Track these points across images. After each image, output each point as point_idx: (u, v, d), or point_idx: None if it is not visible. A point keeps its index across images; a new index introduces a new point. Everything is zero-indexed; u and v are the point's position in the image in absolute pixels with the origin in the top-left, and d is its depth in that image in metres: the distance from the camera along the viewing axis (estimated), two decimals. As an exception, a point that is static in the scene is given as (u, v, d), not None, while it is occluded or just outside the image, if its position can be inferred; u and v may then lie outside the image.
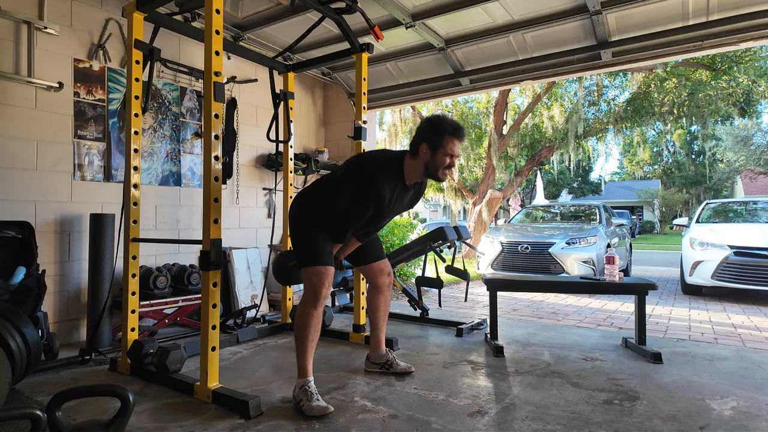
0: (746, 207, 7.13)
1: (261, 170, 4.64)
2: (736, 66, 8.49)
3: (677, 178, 32.14)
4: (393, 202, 2.20)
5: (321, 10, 3.06)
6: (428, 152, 2.15)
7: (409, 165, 2.20)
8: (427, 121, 2.22)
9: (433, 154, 2.15)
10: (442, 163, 2.16)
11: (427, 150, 2.15)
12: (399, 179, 2.19)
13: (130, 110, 2.63)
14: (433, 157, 2.15)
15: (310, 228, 2.22)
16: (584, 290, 3.19)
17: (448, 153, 2.15)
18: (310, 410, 2.01)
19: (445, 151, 2.14)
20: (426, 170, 2.18)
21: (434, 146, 2.14)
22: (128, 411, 1.56)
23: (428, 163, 2.16)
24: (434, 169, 2.16)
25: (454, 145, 2.15)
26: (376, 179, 2.09)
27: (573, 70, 4.06)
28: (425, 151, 2.15)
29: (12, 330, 2.14)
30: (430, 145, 2.14)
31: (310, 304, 2.16)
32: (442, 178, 2.21)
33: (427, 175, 2.20)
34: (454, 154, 2.16)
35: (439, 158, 2.15)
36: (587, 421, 1.98)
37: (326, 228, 2.23)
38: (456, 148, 2.16)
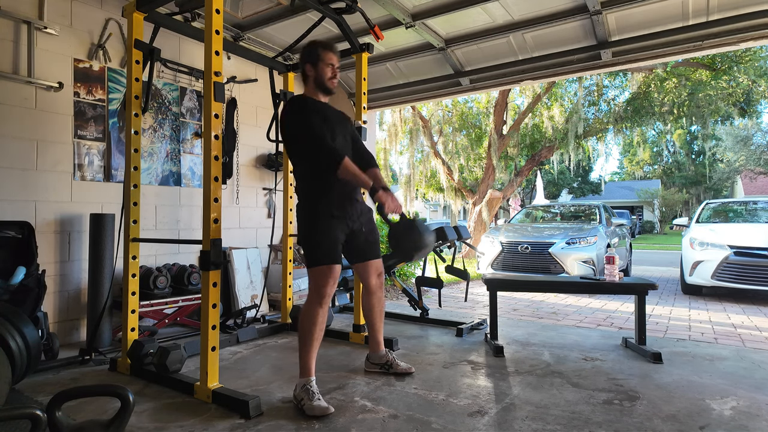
0: (746, 207, 7.13)
1: (261, 170, 4.64)
2: (736, 66, 8.49)
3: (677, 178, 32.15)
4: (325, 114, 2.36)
5: (321, 10, 3.06)
6: (312, 69, 2.39)
7: (307, 90, 2.45)
8: (304, 47, 2.46)
9: (316, 68, 2.38)
10: (326, 74, 2.38)
11: (311, 68, 2.39)
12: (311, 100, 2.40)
13: (130, 110, 2.63)
14: (317, 72, 2.39)
15: (317, 223, 2.24)
16: (584, 290, 3.19)
17: (328, 63, 2.38)
18: (311, 410, 2.01)
19: (324, 62, 2.38)
20: (317, 85, 2.40)
21: (314, 62, 2.38)
22: (128, 411, 1.56)
23: (316, 78, 2.39)
24: (321, 81, 2.39)
25: (329, 57, 2.39)
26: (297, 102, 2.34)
27: (573, 70, 4.06)
28: (310, 69, 2.39)
29: (12, 330, 2.14)
30: (311, 63, 2.39)
31: (315, 303, 2.19)
32: (330, 87, 2.41)
33: (320, 89, 2.41)
34: (333, 63, 2.40)
35: (321, 71, 2.38)
36: (587, 421, 1.98)
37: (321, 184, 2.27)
38: (333, 58, 2.40)
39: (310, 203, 2.29)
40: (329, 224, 2.25)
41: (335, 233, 2.26)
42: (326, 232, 2.24)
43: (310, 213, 2.28)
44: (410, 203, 13.74)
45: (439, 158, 12.07)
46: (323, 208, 2.26)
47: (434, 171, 13.52)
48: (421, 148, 13.23)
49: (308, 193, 2.31)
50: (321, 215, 2.25)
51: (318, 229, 2.24)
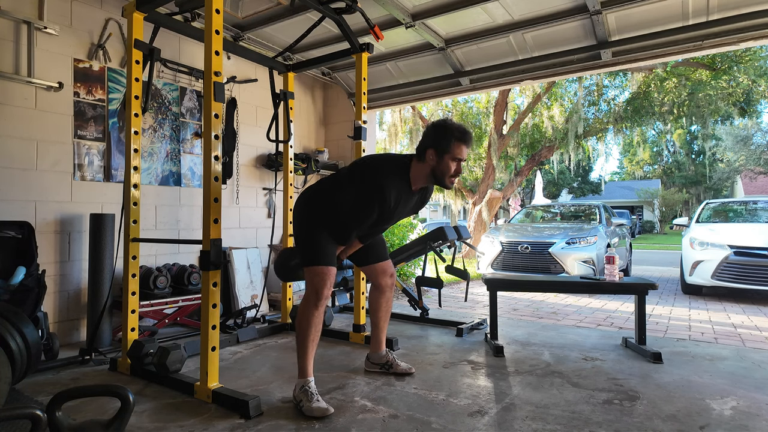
0: (746, 207, 7.13)
1: (261, 170, 4.64)
2: (736, 66, 8.48)
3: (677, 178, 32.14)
4: (397, 206, 2.19)
5: (321, 10, 3.06)
6: (435, 158, 2.13)
7: (416, 170, 2.19)
8: (434, 126, 2.20)
9: (440, 159, 2.13)
10: (449, 168, 2.14)
11: (434, 155, 2.13)
12: (404, 184, 2.18)
13: (130, 110, 2.63)
14: (439, 163, 2.14)
15: (314, 227, 2.22)
16: (584, 290, 3.19)
17: (456, 158, 2.13)
18: (310, 411, 2.01)
19: (452, 156, 2.13)
20: (433, 176, 2.17)
21: (441, 152, 2.12)
22: (128, 411, 1.56)
23: (435, 169, 2.15)
24: (441, 174, 2.15)
25: (461, 151, 2.13)
26: (381, 183, 2.08)
27: (573, 70, 4.06)
28: (432, 157, 2.13)
29: (12, 330, 2.14)
30: (437, 150, 2.12)
31: (312, 304, 2.16)
32: (449, 185, 2.19)
33: (435, 181, 2.19)
34: (461, 158, 2.14)
35: (445, 164, 2.13)
36: (587, 420, 1.98)
37: (330, 228, 2.22)
38: (463, 153, 2.14)
39: (315, 206, 2.26)
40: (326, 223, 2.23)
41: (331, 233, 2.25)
42: (323, 231, 2.22)
43: (310, 216, 2.26)
44: (410, 203, 13.72)
45: (439, 158, 12.05)
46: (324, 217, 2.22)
47: (434, 171, 13.50)
48: (421, 148, 13.21)
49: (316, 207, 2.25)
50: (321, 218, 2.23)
51: (317, 229, 2.23)
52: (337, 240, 2.25)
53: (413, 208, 2.35)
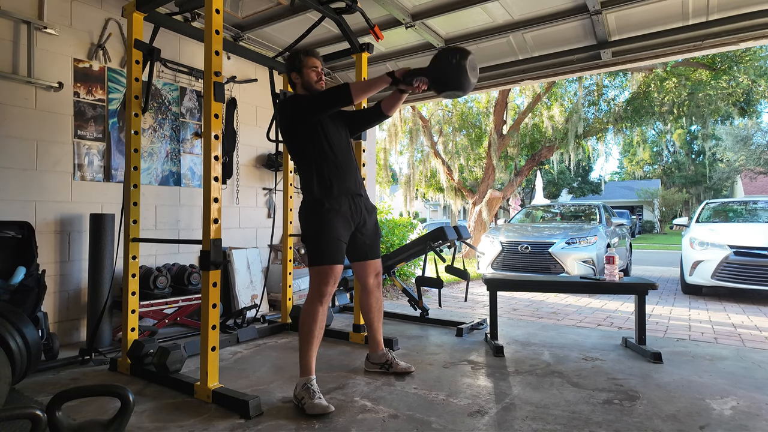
0: (746, 207, 7.14)
1: (261, 170, 4.64)
2: (736, 66, 8.48)
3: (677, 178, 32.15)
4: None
5: (321, 10, 3.06)
6: (298, 76, 2.43)
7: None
8: (286, 57, 2.55)
9: (301, 74, 2.42)
10: (312, 77, 2.42)
11: (297, 75, 2.43)
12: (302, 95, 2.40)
13: (130, 110, 2.63)
14: (303, 78, 2.42)
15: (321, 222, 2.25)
16: (584, 290, 3.19)
17: (311, 67, 2.42)
18: (312, 408, 2.01)
19: (308, 67, 2.41)
20: (306, 90, 2.43)
21: (298, 69, 2.42)
22: (128, 411, 1.56)
23: (303, 84, 2.43)
24: (309, 85, 2.42)
25: (312, 61, 2.43)
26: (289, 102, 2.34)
27: (573, 70, 4.06)
28: (296, 77, 2.44)
29: (12, 330, 2.14)
30: (296, 71, 2.43)
31: (316, 302, 2.20)
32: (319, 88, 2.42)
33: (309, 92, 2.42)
34: (317, 66, 2.44)
35: (307, 76, 2.41)
36: (587, 420, 1.98)
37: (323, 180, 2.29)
38: (316, 62, 2.44)
39: (313, 200, 2.29)
40: (333, 221, 2.25)
41: (339, 232, 2.26)
42: (329, 230, 2.24)
43: (313, 211, 2.28)
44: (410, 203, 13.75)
45: (439, 158, 12.07)
46: (326, 203, 2.26)
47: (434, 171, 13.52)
48: (421, 148, 13.24)
49: (311, 190, 2.31)
50: (324, 212, 2.25)
51: (321, 228, 2.24)
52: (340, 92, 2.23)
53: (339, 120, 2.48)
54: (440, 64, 2.07)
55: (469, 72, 2.04)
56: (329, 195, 2.28)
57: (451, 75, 2.05)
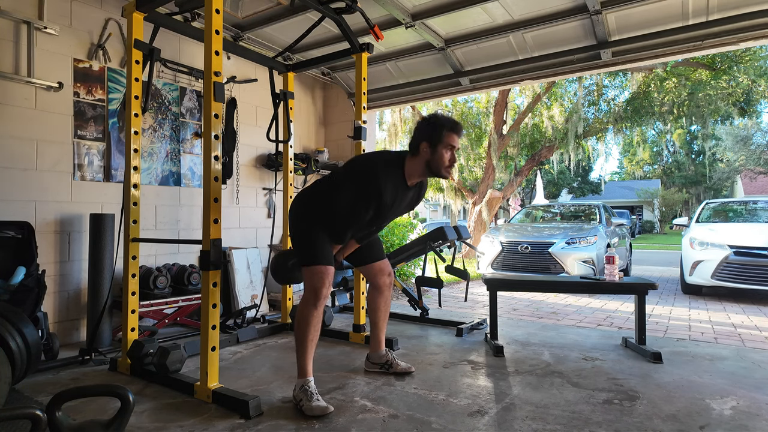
0: (746, 207, 7.13)
1: (261, 170, 4.64)
2: (736, 66, 8.49)
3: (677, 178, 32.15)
4: (393, 202, 2.21)
5: (321, 10, 3.06)
6: (428, 150, 2.17)
7: (410, 164, 2.22)
8: (424, 119, 2.24)
9: (434, 151, 2.16)
10: (443, 158, 2.17)
11: (428, 148, 2.17)
12: (400, 179, 2.20)
13: (130, 110, 2.63)
14: (433, 154, 2.17)
15: (311, 227, 2.23)
16: (584, 290, 3.19)
17: (448, 146, 2.17)
18: (310, 410, 2.01)
19: (445, 146, 2.16)
20: (428, 168, 2.19)
21: (434, 143, 2.16)
22: (128, 411, 1.56)
23: (429, 161, 2.18)
24: (436, 165, 2.17)
25: (453, 139, 2.17)
26: (377, 179, 2.09)
27: (573, 70, 4.06)
28: (426, 149, 2.17)
29: (12, 330, 2.14)
30: (430, 142, 2.16)
31: (311, 304, 2.16)
32: (446, 175, 2.21)
33: (430, 173, 2.21)
34: (454, 146, 2.18)
35: (439, 154, 2.16)
36: (587, 420, 1.98)
37: (326, 227, 2.23)
38: (455, 141, 2.18)
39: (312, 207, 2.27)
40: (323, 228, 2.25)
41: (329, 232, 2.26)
42: (322, 232, 2.23)
43: (308, 213, 2.26)
44: (410, 203, 13.71)
45: (439, 158, 12.04)
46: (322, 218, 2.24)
47: (434, 171, 13.49)
48: (421, 148, 13.21)
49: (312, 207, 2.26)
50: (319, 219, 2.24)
51: (314, 229, 2.22)
52: (334, 239, 2.26)
53: (409, 204, 2.36)
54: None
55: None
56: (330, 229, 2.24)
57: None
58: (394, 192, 2.17)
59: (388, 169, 2.15)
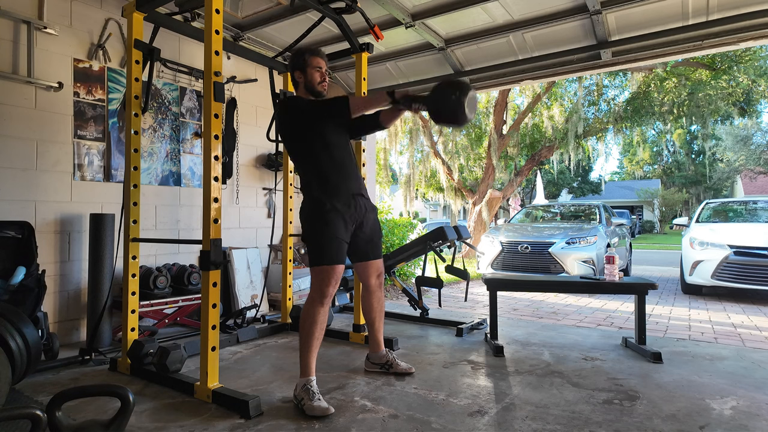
0: (746, 207, 7.14)
1: (261, 170, 4.64)
2: (736, 66, 8.49)
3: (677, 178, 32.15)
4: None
5: (321, 10, 3.06)
6: (302, 75, 2.43)
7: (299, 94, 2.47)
8: (291, 55, 2.51)
9: (305, 74, 2.42)
10: (315, 78, 2.43)
11: (300, 74, 2.43)
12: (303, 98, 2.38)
13: (129, 110, 2.63)
14: (306, 77, 2.43)
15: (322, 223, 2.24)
16: (584, 290, 3.19)
17: (316, 67, 2.42)
18: (311, 410, 2.01)
19: (312, 67, 2.42)
20: (308, 90, 2.44)
21: (302, 68, 2.42)
22: (128, 411, 1.56)
23: (306, 84, 2.43)
24: (312, 86, 2.43)
25: (316, 61, 2.43)
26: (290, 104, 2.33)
27: (573, 70, 4.06)
28: (300, 75, 2.44)
29: (12, 330, 2.14)
30: (300, 69, 2.43)
31: (317, 302, 2.19)
32: (320, 91, 2.45)
33: (311, 93, 2.44)
34: (321, 67, 2.44)
35: (310, 76, 2.42)
36: (587, 420, 1.98)
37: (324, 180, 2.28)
38: (321, 62, 2.44)
39: (314, 200, 2.28)
40: (333, 221, 2.24)
41: (340, 232, 2.26)
42: (331, 231, 2.23)
43: (313, 210, 2.28)
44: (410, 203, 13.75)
45: (439, 158, 12.07)
46: (327, 203, 2.25)
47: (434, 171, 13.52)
48: (421, 148, 13.23)
49: (311, 190, 2.30)
50: (325, 212, 2.25)
51: (322, 228, 2.24)
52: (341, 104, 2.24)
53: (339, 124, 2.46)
54: (441, 97, 2.08)
55: (467, 109, 2.08)
56: (330, 195, 2.28)
57: (450, 110, 2.07)
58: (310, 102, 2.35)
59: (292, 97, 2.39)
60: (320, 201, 2.27)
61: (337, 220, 2.26)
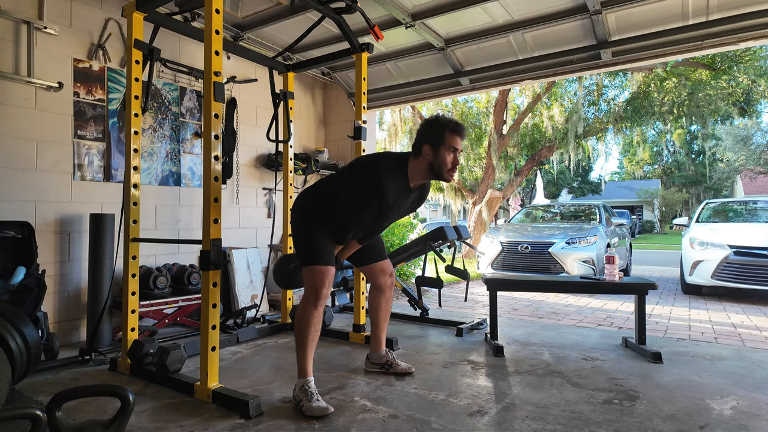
0: (746, 206, 7.14)
1: (261, 170, 4.64)
2: (736, 66, 8.49)
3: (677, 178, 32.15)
4: (396, 203, 2.21)
5: (321, 10, 3.06)
6: (431, 152, 2.16)
7: (413, 166, 2.21)
8: (426, 122, 2.24)
9: (436, 152, 2.16)
10: (446, 160, 2.16)
11: (430, 150, 2.16)
12: (403, 180, 2.20)
13: (129, 110, 2.63)
14: (436, 156, 2.16)
15: (312, 227, 2.23)
16: (584, 290, 3.18)
17: (451, 148, 2.16)
18: (310, 411, 2.01)
19: (447, 148, 2.16)
20: (431, 170, 2.19)
21: (436, 145, 2.15)
22: (128, 411, 1.56)
23: (432, 163, 2.17)
24: (439, 167, 2.17)
25: (455, 141, 2.16)
26: (379, 179, 2.09)
27: (573, 70, 4.06)
28: (428, 151, 2.16)
29: (12, 330, 2.14)
30: (432, 144, 2.16)
31: (311, 304, 2.16)
32: (449, 178, 2.20)
33: (433, 175, 2.21)
34: (457, 148, 2.18)
35: (442, 156, 2.16)
36: (587, 420, 1.98)
37: (328, 227, 2.24)
38: (458, 143, 2.17)
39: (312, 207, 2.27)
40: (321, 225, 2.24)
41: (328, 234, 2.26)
42: (322, 232, 2.23)
43: (308, 213, 2.27)
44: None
45: (439, 158, 12.05)
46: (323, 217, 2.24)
47: (434, 171, 13.49)
48: (422, 148, 13.21)
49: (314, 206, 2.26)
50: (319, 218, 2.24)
51: (313, 230, 2.22)
52: (336, 239, 2.26)
53: (411, 206, 2.37)
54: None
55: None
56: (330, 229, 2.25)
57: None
58: (397, 193, 2.17)
59: (391, 170, 2.15)
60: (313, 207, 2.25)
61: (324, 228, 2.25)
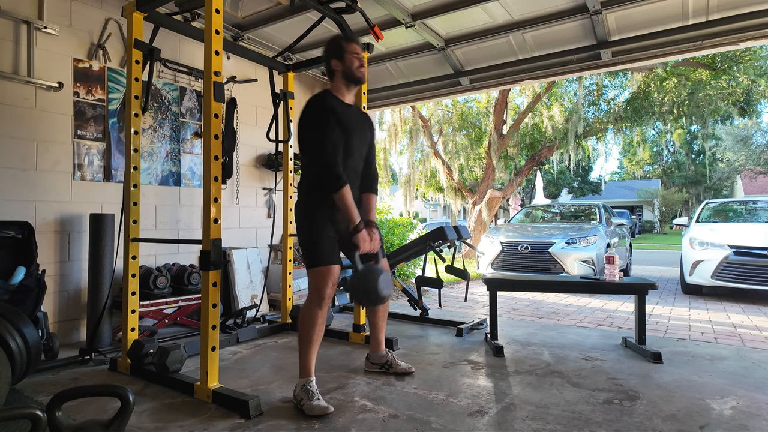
0: (746, 206, 7.14)
1: (261, 170, 4.64)
2: (736, 66, 8.49)
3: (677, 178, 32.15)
4: (349, 120, 2.29)
5: (321, 10, 3.06)
6: (339, 63, 2.36)
7: (335, 85, 2.40)
8: (327, 44, 2.44)
9: (342, 61, 2.36)
10: (354, 63, 2.36)
11: (338, 62, 2.37)
12: (336, 99, 2.34)
13: (129, 110, 2.63)
14: (344, 64, 2.36)
15: (312, 227, 2.24)
16: (584, 290, 3.18)
17: (353, 54, 2.36)
18: (311, 410, 2.01)
19: (350, 54, 2.36)
20: (345, 78, 2.37)
21: (341, 55, 2.36)
22: (128, 411, 1.56)
23: (344, 71, 2.36)
24: (349, 70, 2.36)
25: (353, 47, 2.38)
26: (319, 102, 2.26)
27: (573, 70, 4.06)
28: (337, 64, 2.37)
29: (12, 330, 2.14)
30: (337, 57, 2.37)
31: (315, 304, 2.19)
32: (359, 75, 2.38)
33: (349, 80, 2.37)
34: (358, 53, 2.39)
35: (348, 62, 2.36)
36: (587, 420, 1.98)
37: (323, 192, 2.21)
38: (357, 48, 2.39)
39: (310, 204, 2.28)
40: (327, 225, 2.25)
41: (332, 233, 2.26)
42: (324, 232, 2.24)
43: (308, 213, 2.27)
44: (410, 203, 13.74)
45: (439, 158, 12.07)
46: (323, 211, 2.25)
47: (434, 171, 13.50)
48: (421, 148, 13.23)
49: (310, 194, 2.29)
50: (319, 217, 2.25)
51: (316, 230, 2.24)
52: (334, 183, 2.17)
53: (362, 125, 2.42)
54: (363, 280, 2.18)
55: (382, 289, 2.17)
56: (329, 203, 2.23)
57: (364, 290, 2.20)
58: (341, 108, 2.30)
59: (320, 95, 2.32)
60: (316, 206, 2.25)
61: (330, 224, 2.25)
